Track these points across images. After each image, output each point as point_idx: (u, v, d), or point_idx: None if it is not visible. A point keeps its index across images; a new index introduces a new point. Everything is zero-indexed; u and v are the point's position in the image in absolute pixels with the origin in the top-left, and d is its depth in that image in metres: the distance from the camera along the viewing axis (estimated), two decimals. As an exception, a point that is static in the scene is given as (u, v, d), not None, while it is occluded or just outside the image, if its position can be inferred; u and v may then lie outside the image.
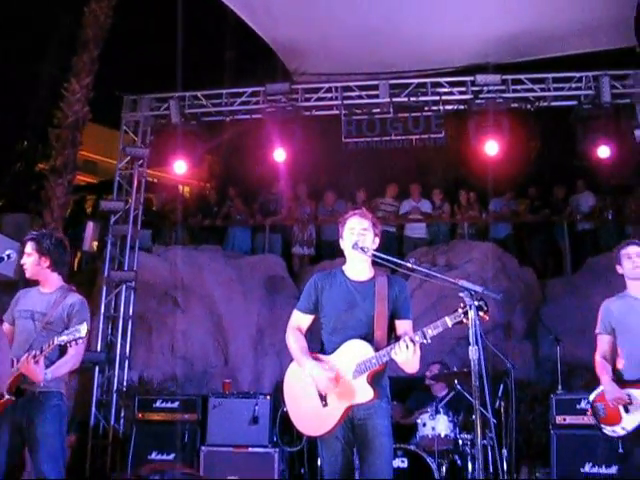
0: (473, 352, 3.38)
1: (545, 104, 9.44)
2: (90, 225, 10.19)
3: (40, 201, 10.04)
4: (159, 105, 9.96)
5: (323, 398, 3.84)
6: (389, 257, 3.86)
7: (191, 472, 6.79)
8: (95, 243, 10.91)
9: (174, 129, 9.71)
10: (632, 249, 4.89)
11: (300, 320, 4.11)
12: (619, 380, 4.69)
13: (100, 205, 9.90)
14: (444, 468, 6.25)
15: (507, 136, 9.18)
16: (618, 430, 4.58)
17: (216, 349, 9.64)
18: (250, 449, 7.21)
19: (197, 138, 9.92)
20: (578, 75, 9.24)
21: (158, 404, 7.79)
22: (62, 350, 4.41)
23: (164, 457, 7.47)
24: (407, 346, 3.61)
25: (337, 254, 4.17)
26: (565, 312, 9.35)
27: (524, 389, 7.90)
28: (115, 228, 9.48)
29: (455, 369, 6.95)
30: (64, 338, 4.19)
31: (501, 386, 6.50)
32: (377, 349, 3.77)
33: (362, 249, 3.92)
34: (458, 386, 6.53)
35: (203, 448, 7.30)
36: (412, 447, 6.31)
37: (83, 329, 4.17)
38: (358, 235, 3.99)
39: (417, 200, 11.43)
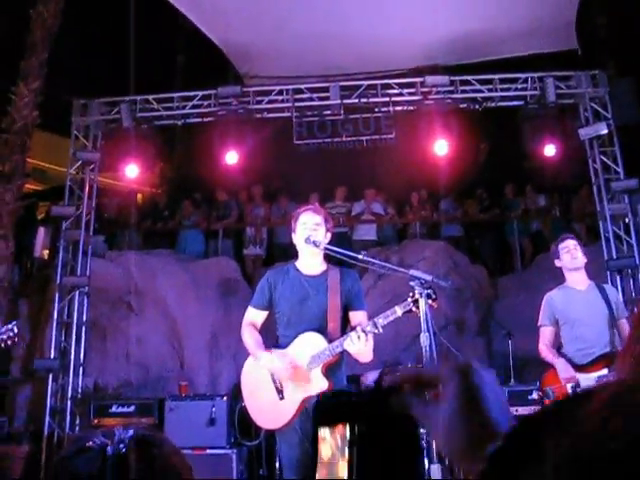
0: (424, 339, 3.46)
1: (492, 104, 9.60)
2: (41, 231, 10.05)
3: (-11, 208, 9.84)
4: (110, 109, 9.81)
5: (280, 391, 3.88)
6: (341, 250, 3.93)
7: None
8: (46, 250, 10.74)
9: (125, 133, 9.60)
10: (569, 242, 5.17)
11: (254, 316, 4.15)
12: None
13: (51, 210, 9.75)
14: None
15: (456, 136, 9.34)
16: None
17: (171, 353, 9.57)
18: (208, 451, 7.17)
19: (149, 142, 9.85)
20: (524, 76, 9.42)
21: (114, 409, 7.73)
22: None
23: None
24: (359, 337, 3.68)
25: (290, 257, 4.22)
26: (516, 308, 9.52)
27: (477, 383, 8.01)
28: (67, 233, 9.34)
29: (409, 365, 7.06)
30: None
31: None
32: (330, 341, 3.83)
33: (314, 243, 3.97)
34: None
35: (160, 451, 7.23)
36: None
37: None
38: (311, 230, 4.04)
39: (370, 202, 11.53)
